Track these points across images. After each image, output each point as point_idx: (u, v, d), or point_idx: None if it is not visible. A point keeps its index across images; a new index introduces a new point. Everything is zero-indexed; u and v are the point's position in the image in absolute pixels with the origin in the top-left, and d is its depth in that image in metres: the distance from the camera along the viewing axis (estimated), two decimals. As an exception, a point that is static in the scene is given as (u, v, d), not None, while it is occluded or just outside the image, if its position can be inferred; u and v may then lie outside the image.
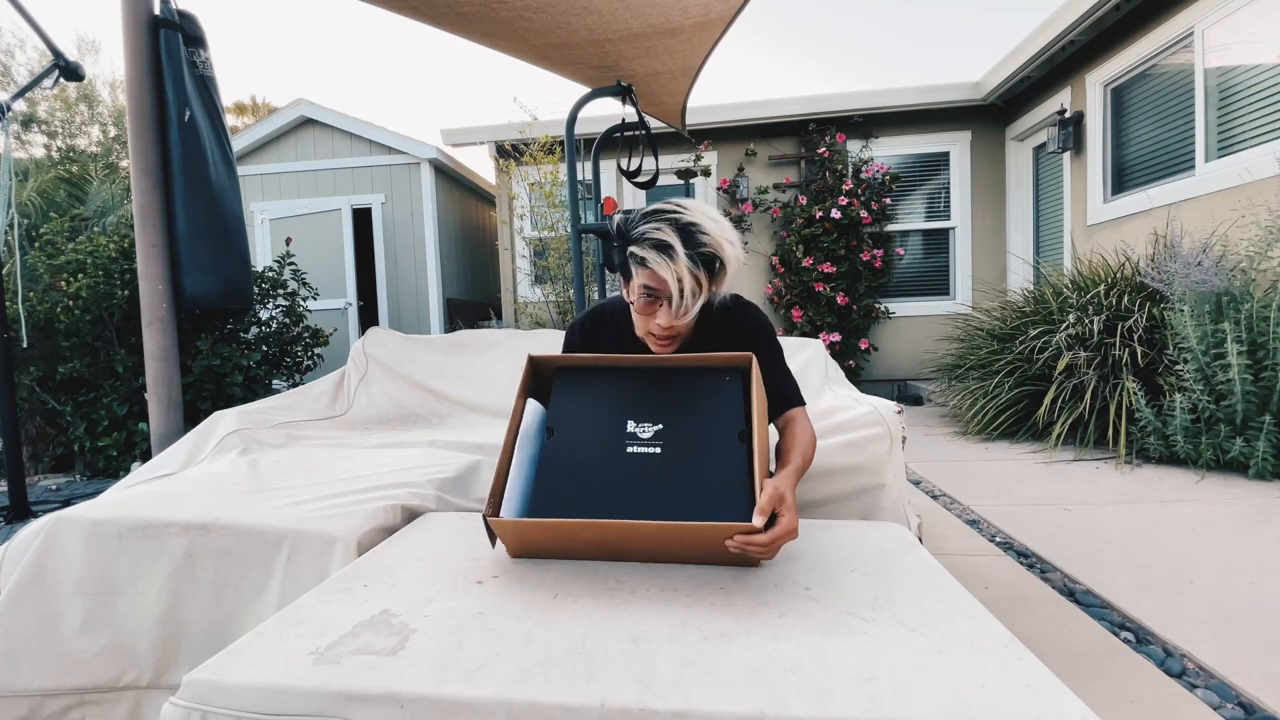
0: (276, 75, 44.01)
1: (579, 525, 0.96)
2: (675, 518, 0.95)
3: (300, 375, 3.89)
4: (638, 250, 1.13)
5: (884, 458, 1.65)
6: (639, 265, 1.14)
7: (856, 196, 5.67)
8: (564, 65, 3.11)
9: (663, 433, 1.05)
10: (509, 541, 1.02)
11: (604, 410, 1.10)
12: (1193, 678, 1.34)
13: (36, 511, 2.76)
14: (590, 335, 1.38)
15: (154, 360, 2.45)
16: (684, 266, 1.09)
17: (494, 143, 6.44)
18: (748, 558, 0.96)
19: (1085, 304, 3.72)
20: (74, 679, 1.18)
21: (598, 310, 1.41)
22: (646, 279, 1.15)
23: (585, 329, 1.39)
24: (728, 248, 1.13)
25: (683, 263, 1.09)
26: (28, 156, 9.27)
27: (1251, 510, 2.34)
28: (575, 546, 1.01)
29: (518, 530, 0.99)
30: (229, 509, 1.26)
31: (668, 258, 1.10)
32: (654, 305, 1.18)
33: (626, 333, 1.32)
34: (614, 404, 1.10)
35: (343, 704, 0.66)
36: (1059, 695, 0.65)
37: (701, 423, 1.05)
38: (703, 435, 1.04)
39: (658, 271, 1.11)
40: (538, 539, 1.00)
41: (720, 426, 1.04)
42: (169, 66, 2.49)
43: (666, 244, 1.10)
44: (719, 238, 1.13)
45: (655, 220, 1.14)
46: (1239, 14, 3.61)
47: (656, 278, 1.13)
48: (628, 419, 1.07)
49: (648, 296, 1.17)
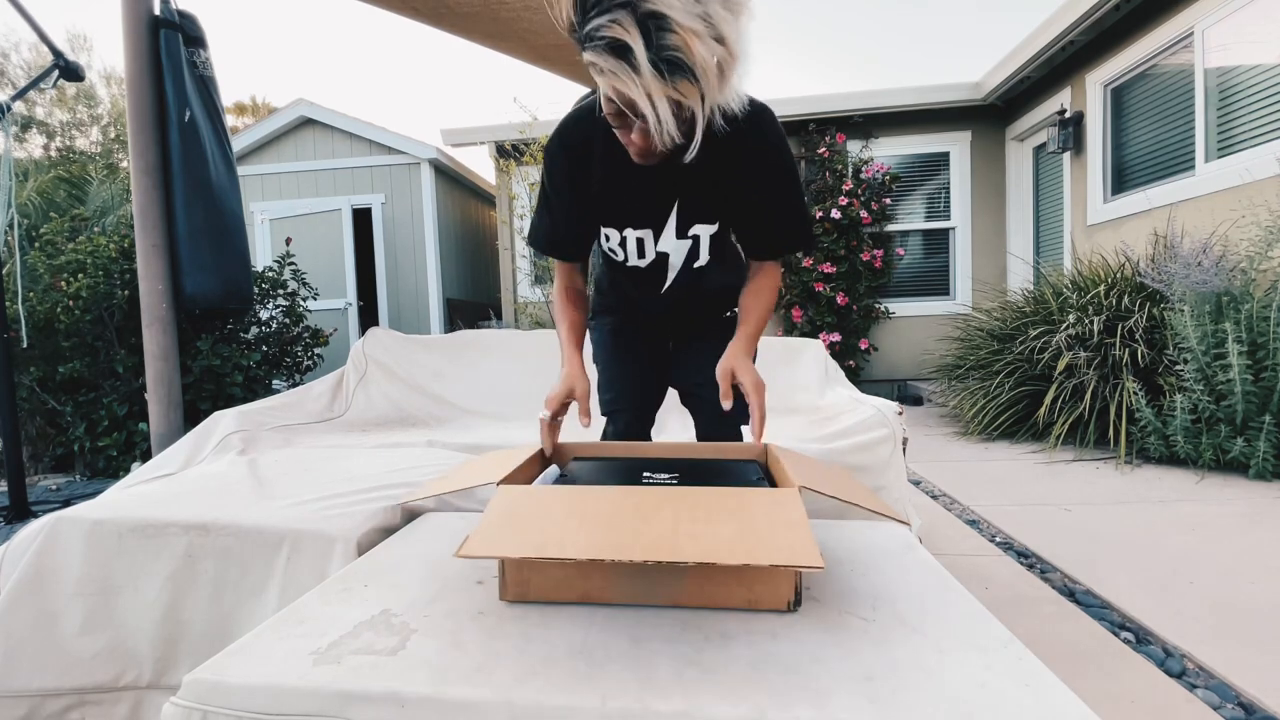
0: (276, 75, 44.08)
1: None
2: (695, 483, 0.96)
3: (300, 375, 3.89)
4: (589, 54, 0.82)
5: (887, 459, 1.66)
6: (596, 73, 0.85)
7: (856, 196, 5.68)
8: (564, 65, 3.11)
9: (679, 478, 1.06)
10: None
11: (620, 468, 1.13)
12: (1193, 678, 1.34)
13: (36, 511, 2.76)
14: (574, 151, 1.13)
15: (154, 360, 2.45)
16: (650, 80, 0.79)
17: (494, 143, 6.44)
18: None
19: (1085, 304, 3.72)
20: (74, 679, 1.18)
21: (574, 119, 1.13)
22: (607, 89, 0.86)
23: (567, 145, 1.13)
24: (708, 47, 0.79)
25: (647, 74, 0.79)
26: (28, 157, 9.27)
27: (1252, 510, 2.34)
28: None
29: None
30: (229, 509, 1.26)
31: (627, 67, 0.79)
32: (626, 122, 0.92)
33: (613, 138, 1.05)
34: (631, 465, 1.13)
35: (343, 704, 0.66)
36: (1059, 694, 0.65)
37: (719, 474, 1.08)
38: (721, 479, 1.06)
39: (617, 86, 0.82)
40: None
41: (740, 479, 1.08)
42: (169, 66, 2.49)
43: (622, 45, 0.78)
44: (693, 29, 0.77)
45: (610, 5, 0.78)
46: (1239, 14, 3.61)
47: (617, 93, 0.85)
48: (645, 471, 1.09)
49: (615, 113, 0.91)
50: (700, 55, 0.78)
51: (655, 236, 1.21)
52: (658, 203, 1.17)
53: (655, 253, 1.24)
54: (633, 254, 1.24)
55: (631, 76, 0.79)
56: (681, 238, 1.21)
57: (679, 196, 1.16)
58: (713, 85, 0.82)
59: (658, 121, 0.83)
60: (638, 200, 1.17)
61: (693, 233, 1.20)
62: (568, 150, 1.14)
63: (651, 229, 1.20)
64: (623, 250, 1.24)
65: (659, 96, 0.81)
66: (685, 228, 1.19)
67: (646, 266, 1.26)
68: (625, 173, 1.10)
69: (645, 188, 1.14)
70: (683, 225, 1.19)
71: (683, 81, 0.80)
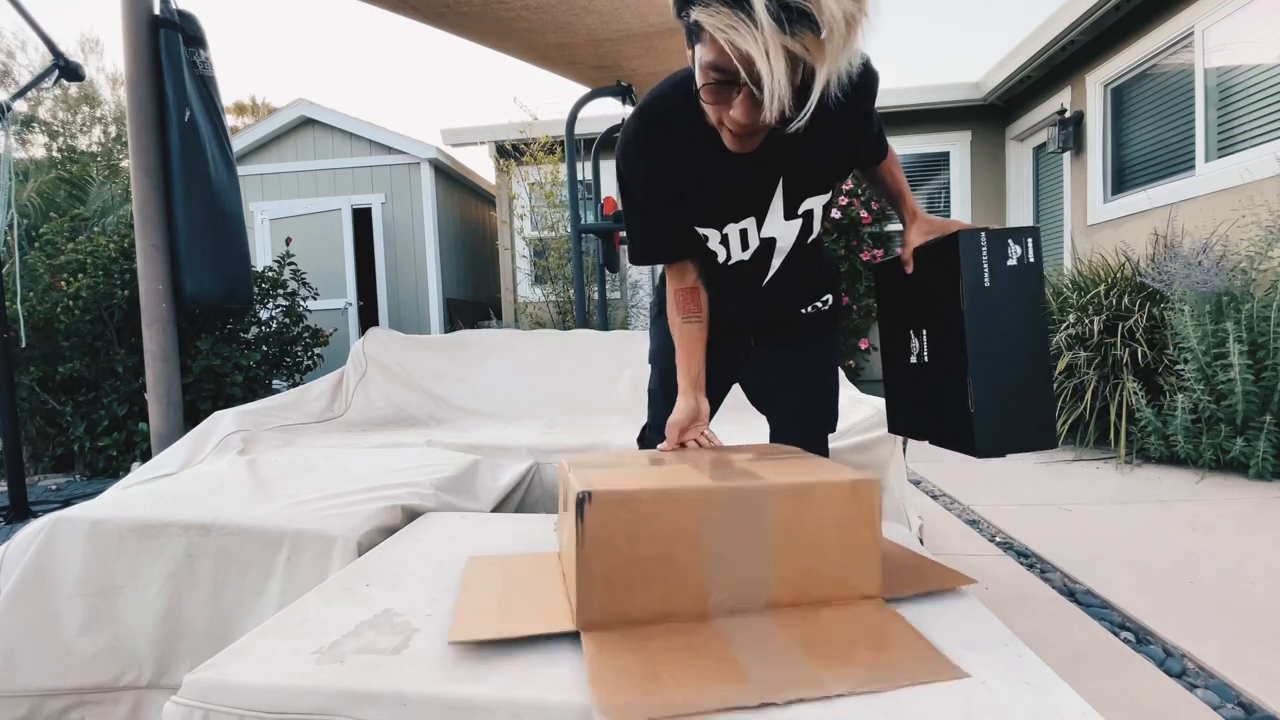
0: (276, 75, 44.06)
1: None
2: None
3: (300, 375, 3.89)
4: (697, 10, 0.73)
5: (887, 459, 1.66)
6: (698, 34, 0.77)
7: (856, 196, 5.68)
8: (564, 65, 3.11)
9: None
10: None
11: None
12: (1193, 678, 1.34)
13: (36, 511, 2.75)
14: (659, 154, 1.00)
15: (154, 360, 2.45)
16: (770, 32, 0.69)
17: (494, 143, 6.44)
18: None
19: (1085, 304, 3.72)
20: (74, 679, 1.18)
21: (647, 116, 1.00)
22: (713, 55, 0.77)
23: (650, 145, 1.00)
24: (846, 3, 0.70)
25: (766, 26, 0.69)
26: (28, 157, 9.28)
27: (1252, 510, 2.34)
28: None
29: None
30: (229, 509, 1.26)
31: (745, 18, 0.70)
32: (728, 94, 0.82)
33: (697, 129, 0.94)
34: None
35: (346, 703, 0.66)
36: (1058, 692, 0.65)
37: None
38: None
39: (733, 40, 0.72)
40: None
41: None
42: (169, 66, 2.49)
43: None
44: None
45: None
46: (1239, 14, 3.61)
47: (726, 53, 0.74)
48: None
49: (717, 81, 0.81)
50: (829, 6, 0.70)
51: (759, 224, 1.07)
52: (758, 188, 1.03)
53: (760, 240, 1.08)
54: (736, 249, 1.09)
55: (749, 28, 0.70)
56: (791, 217, 1.06)
57: (783, 174, 1.01)
58: (838, 43, 0.73)
59: (774, 82, 0.72)
60: (736, 192, 1.03)
61: (804, 209, 1.06)
62: (651, 151, 1.01)
63: (754, 216, 1.06)
64: (725, 249, 1.09)
65: (777, 53, 0.71)
66: (794, 205, 1.05)
67: (750, 258, 1.10)
68: (718, 165, 0.98)
69: (741, 175, 1.00)
70: (791, 204, 1.05)
71: (807, 34, 0.71)
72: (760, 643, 0.74)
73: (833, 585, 0.82)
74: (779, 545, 0.81)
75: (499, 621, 0.79)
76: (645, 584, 0.78)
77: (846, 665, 0.69)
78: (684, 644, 0.74)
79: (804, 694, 0.64)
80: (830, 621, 0.78)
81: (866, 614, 0.80)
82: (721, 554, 0.79)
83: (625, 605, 0.77)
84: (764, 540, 0.81)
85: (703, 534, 0.79)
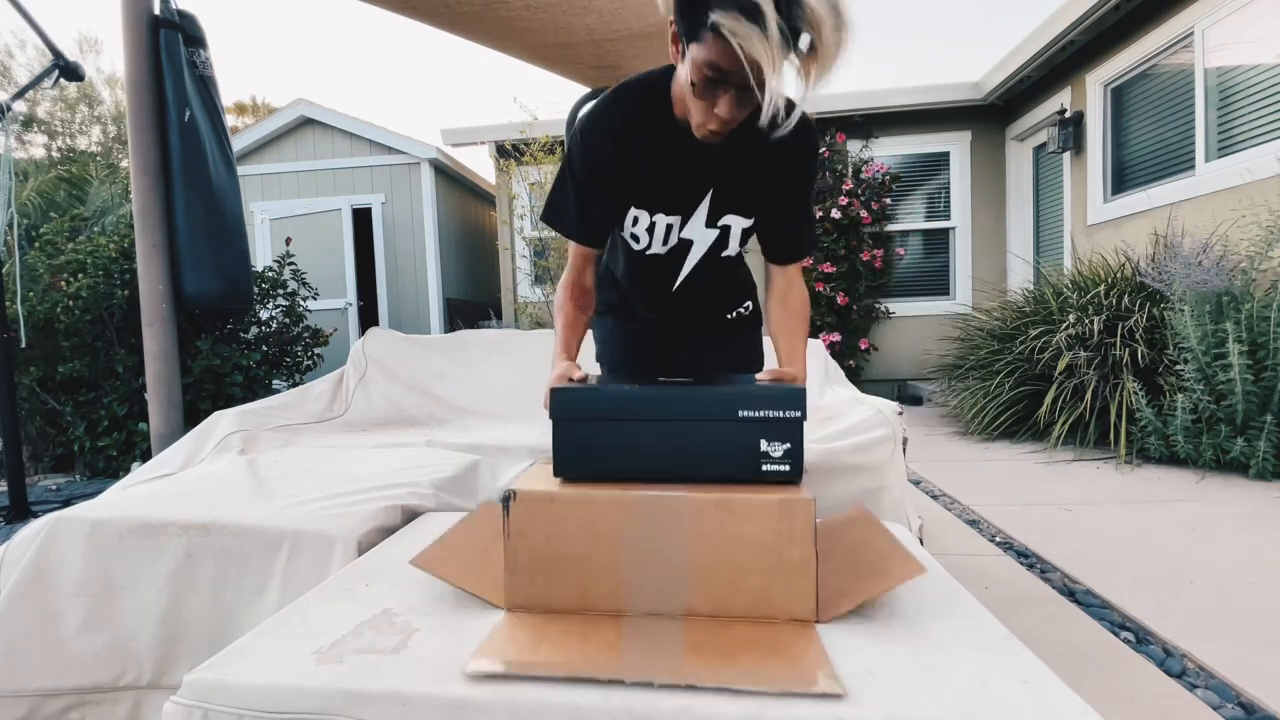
0: (276, 75, 44.08)
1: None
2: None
3: (300, 375, 3.89)
4: (717, 14, 0.82)
5: (887, 459, 1.66)
6: (710, 35, 0.86)
7: (856, 196, 5.68)
8: (564, 65, 3.11)
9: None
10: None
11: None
12: (1193, 678, 1.34)
13: (36, 511, 2.75)
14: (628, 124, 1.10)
15: (154, 360, 2.45)
16: (777, 47, 0.81)
17: (494, 143, 6.44)
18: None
19: (1085, 304, 3.72)
20: (74, 679, 1.18)
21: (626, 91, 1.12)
22: (716, 56, 0.87)
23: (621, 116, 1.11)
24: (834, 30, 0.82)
25: (775, 41, 0.81)
26: (27, 157, 9.28)
27: (1251, 510, 2.34)
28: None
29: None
30: (229, 509, 1.26)
31: (759, 30, 0.80)
32: (715, 92, 0.93)
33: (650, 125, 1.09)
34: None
35: (345, 702, 0.66)
36: (1057, 692, 0.65)
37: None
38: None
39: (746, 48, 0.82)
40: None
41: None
42: (169, 66, 2.49)
43: (755, 8, 0.80)
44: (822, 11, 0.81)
45: None
46: (1239, 14, 3.61)
47: (727, 54, 0.85)
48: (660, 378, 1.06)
49: (709, 79, 0.91)
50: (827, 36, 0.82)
51: (682, 224, 1.20)
52: (691, 191, 1.17)
53: (678, 239, 1.21)
54: (658, 240, 1.22)
55: (762, 40, 0.80)
56: (711, 227, 1.20)
57: (714, 185, 1.16)
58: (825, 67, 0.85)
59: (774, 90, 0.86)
60: (675, 184, 1.16)
61: (724, 223, 1.20)
62: (623, 120, 1.10)
63: (681, 215, 1.19)
64: (648, 236, 1.21)
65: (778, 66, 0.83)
66: (716, 217, 1.19)
67: (666, 253, 1.24)
68: (668, 154, 1.11)
69: (679, 176, 1.14)
70: (714, 214, 1.19)
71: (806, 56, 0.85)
72: (655, 638, 0.77)
73: (754, 602, 0.81)
74: (698, 556, 0.82)
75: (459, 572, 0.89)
76: (565, 577, 0.84)
77: (723, 666, 0.71)
78: (584, 630, 0.79)
79: (656, 678, 0.67)
80: (739, 633, 0.78)
81: (782, 632, 0.79)
82: (640, 558, 0.83)
83: (545, 594, 0.84)
84: (683, 549, 0.83)
85: (620, 538, 0.83)
